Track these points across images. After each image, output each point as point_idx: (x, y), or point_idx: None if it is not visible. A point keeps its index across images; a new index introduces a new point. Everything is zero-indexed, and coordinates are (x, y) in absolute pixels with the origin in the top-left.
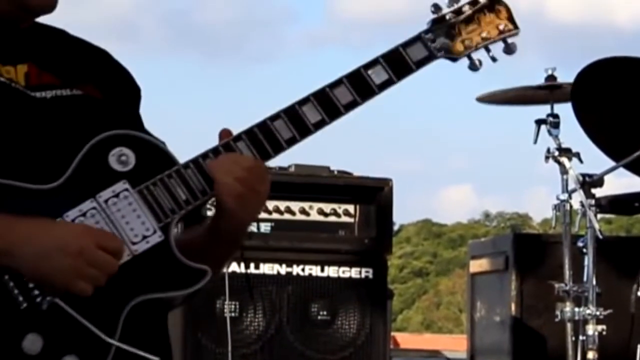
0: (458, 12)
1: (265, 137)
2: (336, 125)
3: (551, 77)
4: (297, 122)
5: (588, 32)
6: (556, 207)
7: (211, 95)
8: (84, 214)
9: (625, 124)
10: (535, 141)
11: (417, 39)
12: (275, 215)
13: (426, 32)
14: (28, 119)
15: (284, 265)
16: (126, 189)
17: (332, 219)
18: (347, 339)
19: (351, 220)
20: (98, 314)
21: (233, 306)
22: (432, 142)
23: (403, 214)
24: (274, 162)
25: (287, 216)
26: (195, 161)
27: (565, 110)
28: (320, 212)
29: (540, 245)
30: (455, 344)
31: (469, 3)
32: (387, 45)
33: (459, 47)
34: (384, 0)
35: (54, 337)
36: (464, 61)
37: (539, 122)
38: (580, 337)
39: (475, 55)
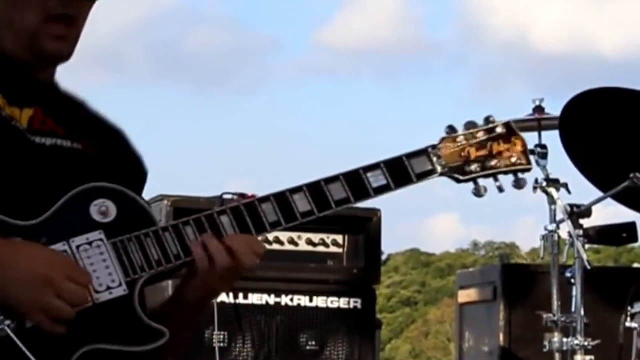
0: (471, 135)
1: (250, 217)
2: (324, 156)
3: (539, 108)
4: (285, 208)
5: (572, 62)
6: (544, 237)
7: (196, 125)
8: None
9: (613, 155)
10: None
11: (422, 152)
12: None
13: (433, 147)
14: (22, 159)
15: (272, 295)
16: (100, 239)
17: (321, 248)
18: None
19: (340, 250)
20: (48, 352)
21: (222, 336)
22: None
23: (390, 242)
24: (261, 191)
25: (275, 246)
26: (175, 226)
27: (552, 139)
28: (309, 242)
29: (528, 275)
30: None
31: (485, 130)
32: (374, 74)
33: (465, 170)
34: (369, 28)
35: None
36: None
37: None
38: None
39: (482, 182)
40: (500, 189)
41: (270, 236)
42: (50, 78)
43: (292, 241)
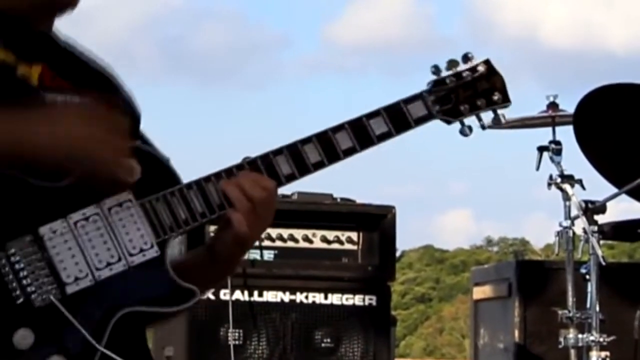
0: (458, 76)
1: (267, 170)
2: None
3: (553, 104)
4: (297, 159)
5: (581, 57)
6: (559, 234)
7: (206, 121)
8: (86, 218)
9: (628, 150)
10: (538, 168)
11: (418, 97)
12: (278, 243)
13: (428, 92)
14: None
15: (287, 293)
16: (129, 200)
17: (336, 246)
18: None
19: (354, 247)
20: (88, 318)
21: (237, 334)
22: (430, 167)
23: (404, 239)
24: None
25: (290, 244)
26: (197, 182)
27: (567, 135)
28: (324, 239)
29: (543, 271)
30: None
31: (469, 70)
32: (382, 70)
33: (456, 111)
34: (377, 26)
35: (45, 335)
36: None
37: (541, 149)
38: None
39: (467, 121)
40: (483, 127)
41: (285, 234)
42: (50, 29)
43: (306, 239)
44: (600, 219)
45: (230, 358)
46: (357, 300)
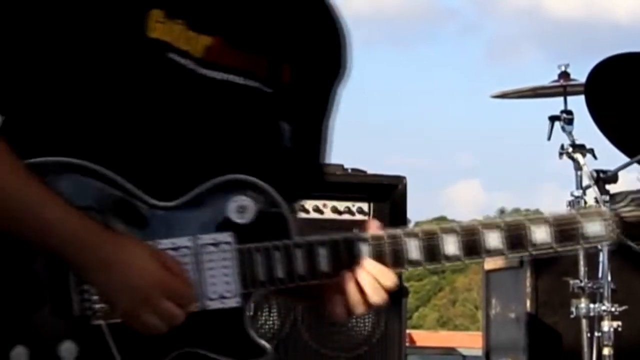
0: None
1: (392, 251)
2: (348, 123)
3: (564, 74)
4: (431, 249)
5: (586, 28)
6: (570, 204)
7: None
8: (175, 249)
9: (639, 120)
10: (549, 137)
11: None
12: None
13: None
14: (183, 98)
15: None
16: (228, 243)
17: (346, 217)
18: (362, 337)
19: (365, 218)
20: (139, 347)
21: None
22: (437, 138)
23: (416, 211)
24: None
25: (301, 214)
26: (308, 245)
27: (578, 104)
28: (334, 210)
29: None
30: (471, 341)
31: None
32: (387, 41)
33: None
34: None
35: (89, 354)
36: None
37: (553, 119)
38: (596, 334)
39: None
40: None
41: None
42: None
43: (317, 209)
44: (612, 188)
45: None
46: None
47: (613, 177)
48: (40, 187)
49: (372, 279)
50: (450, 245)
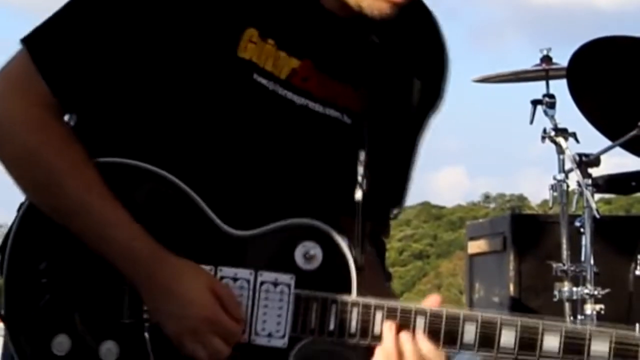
0: None
1: (446, 331)
2: None
3: (546, 57)
4: (486, 336)
5: (568, 13)
6: (553, 187)
7: None
8: (235, 279)
9: (622, 103)
10: (532, 122)
11: None
12: None
13: None
14: (264, 120)
15: None
16: (288, 285)
17: None
18: None
19: None
20: None
21: None
22: None
23: None
24: None
25: None
26: (366, 306)
27: (561, 89)
28: None
29: (537, 225)
30: None
31: None
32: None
33: None
34: None
35: (129, 357)
36: None
37: (535, 103)
38: (579, 317)
39: None
40: None
41: None
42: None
43: None
44: (594, 172)
45: None
46: None
47: (595, 161)
48: (113, 205)
49: (419, 356)
50: (505, 338)
